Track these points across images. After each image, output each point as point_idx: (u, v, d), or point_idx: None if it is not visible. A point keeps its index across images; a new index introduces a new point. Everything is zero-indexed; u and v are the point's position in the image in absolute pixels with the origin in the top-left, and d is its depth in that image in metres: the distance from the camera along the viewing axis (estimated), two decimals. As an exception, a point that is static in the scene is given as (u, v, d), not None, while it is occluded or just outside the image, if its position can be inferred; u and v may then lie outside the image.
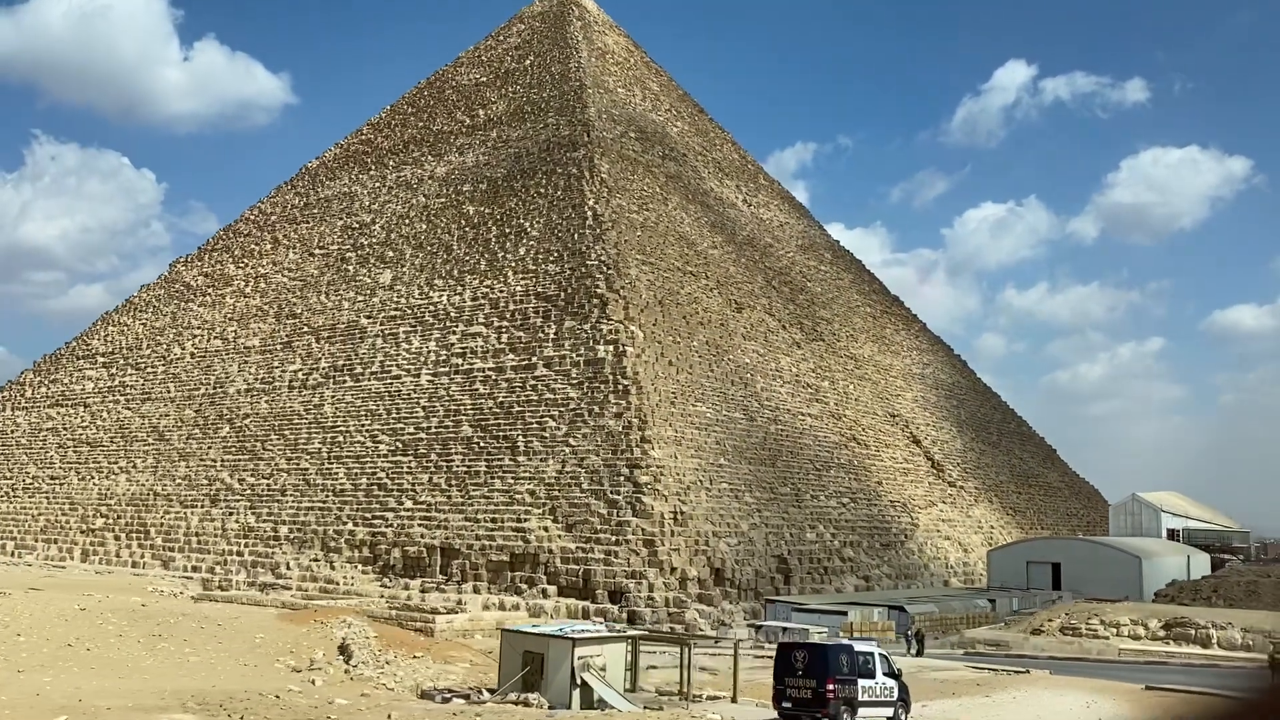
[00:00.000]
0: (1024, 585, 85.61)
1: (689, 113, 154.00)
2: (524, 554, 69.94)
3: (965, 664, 41.47)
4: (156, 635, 30.32)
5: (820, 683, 26.91)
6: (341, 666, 29.69)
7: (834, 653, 28.12)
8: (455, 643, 34.93)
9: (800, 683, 27.34)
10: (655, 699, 28.95)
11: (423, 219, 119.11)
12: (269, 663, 28.80)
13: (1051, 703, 27.66)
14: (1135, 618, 47.60)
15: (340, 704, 22.77)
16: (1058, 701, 27.79)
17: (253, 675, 26.50)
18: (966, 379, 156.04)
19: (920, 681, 32.20)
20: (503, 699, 26.32)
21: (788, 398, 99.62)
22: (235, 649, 29.82)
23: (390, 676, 29.27)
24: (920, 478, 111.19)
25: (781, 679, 27.85)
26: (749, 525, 75.07)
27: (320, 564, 79.62)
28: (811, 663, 27.47)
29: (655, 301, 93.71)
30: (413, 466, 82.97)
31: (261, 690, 22.80)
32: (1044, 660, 42.46)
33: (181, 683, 23.83)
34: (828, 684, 26.82)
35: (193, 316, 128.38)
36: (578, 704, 26.21)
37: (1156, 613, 48.40)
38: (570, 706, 26.03)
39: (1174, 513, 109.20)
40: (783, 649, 29.26)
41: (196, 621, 33.06)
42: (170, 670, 26.11)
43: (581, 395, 79.01)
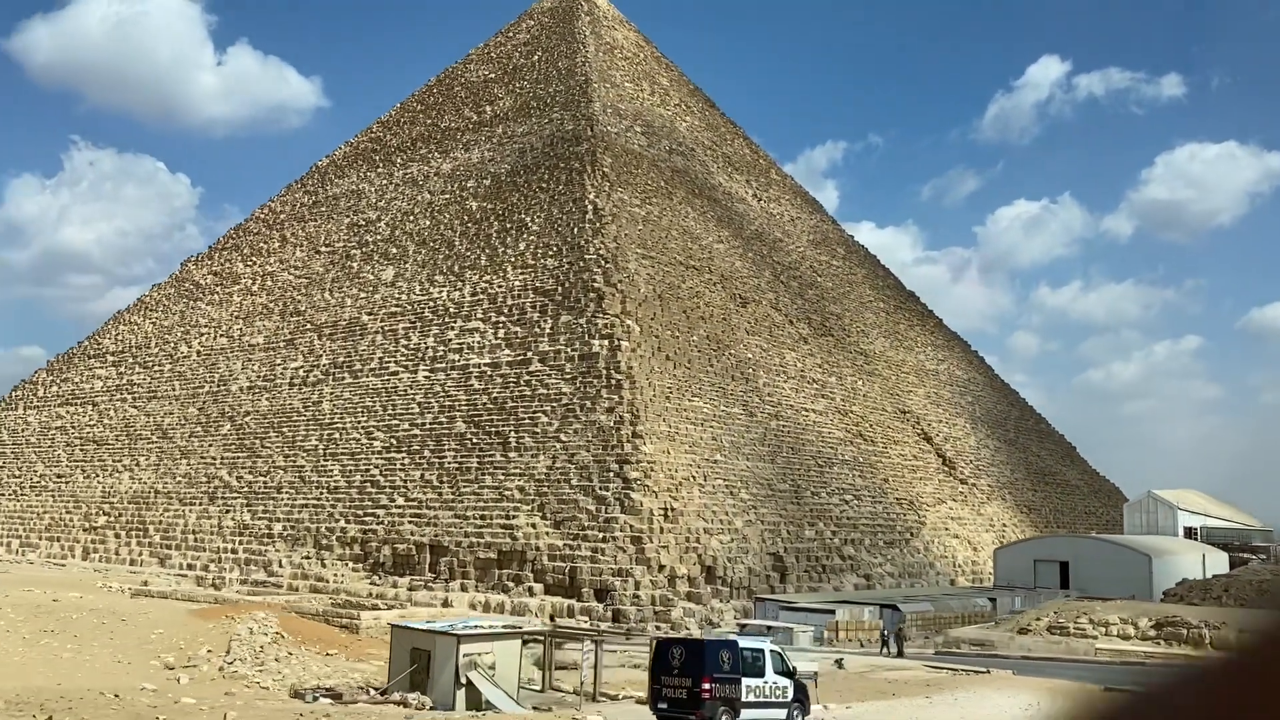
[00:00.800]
0: (1031, 584, 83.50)
1: (699, 108, 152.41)
2: (511, 551, 68.82)
3: (927, 664, 39.82)
4: (48, 631, 29.42)
5: (696, 682, 25.04)
6: (217, 665, 28.61)
7: (712, 649, 26.30)
8: (380, 640, 33.86)
9: (676, 682, 25.44)
10: (554, 699, 27.55)
11: (427, 215, 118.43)
12: (145, 660, 27.80)
13: (992, 704, 26.09)
14: (1125, 617, 45.72)
15: (186, 703, 21.64)
16: (1000, 703, 26.20)
17: (118, 672, 25.52)
18: (983, 375, 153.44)
19: (868, 681, 30.68)
20: (384, 699, 25.12)
21: (791, 393, 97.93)
22: (122, 645, 28.85)
23: (271, 675, 28.13)
24: (930, 475, 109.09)
25: (658, 677, 26.03)
26: (743, 522, 73.54)
27: (312, 561, 78.92)
28: (688, 660, 25.65)
29: (654, 296, 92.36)
30: (405, 463, 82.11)
31: (110, 689, 21.73)
32: (1015, 660, 40.72)
33: (31, 680, 22.88)
34: (704, 683, 24.91)
35: (200, 315, 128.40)
36: (462, 705, 24.89)
37: (1147, 612, 46.51)
38: (454, 707, 24.73)
39: (1192, 510, 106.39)
40: (660, 645, 27.30)
41: (100, 618, 32.16)
42: (33, 666, 25.19)
43: (574, 390, 77.82)
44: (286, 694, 26.07)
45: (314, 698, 25.05)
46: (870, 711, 25.84)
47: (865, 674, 33.91)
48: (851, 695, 28.28)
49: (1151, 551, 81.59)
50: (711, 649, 26.40)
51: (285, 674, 28.35)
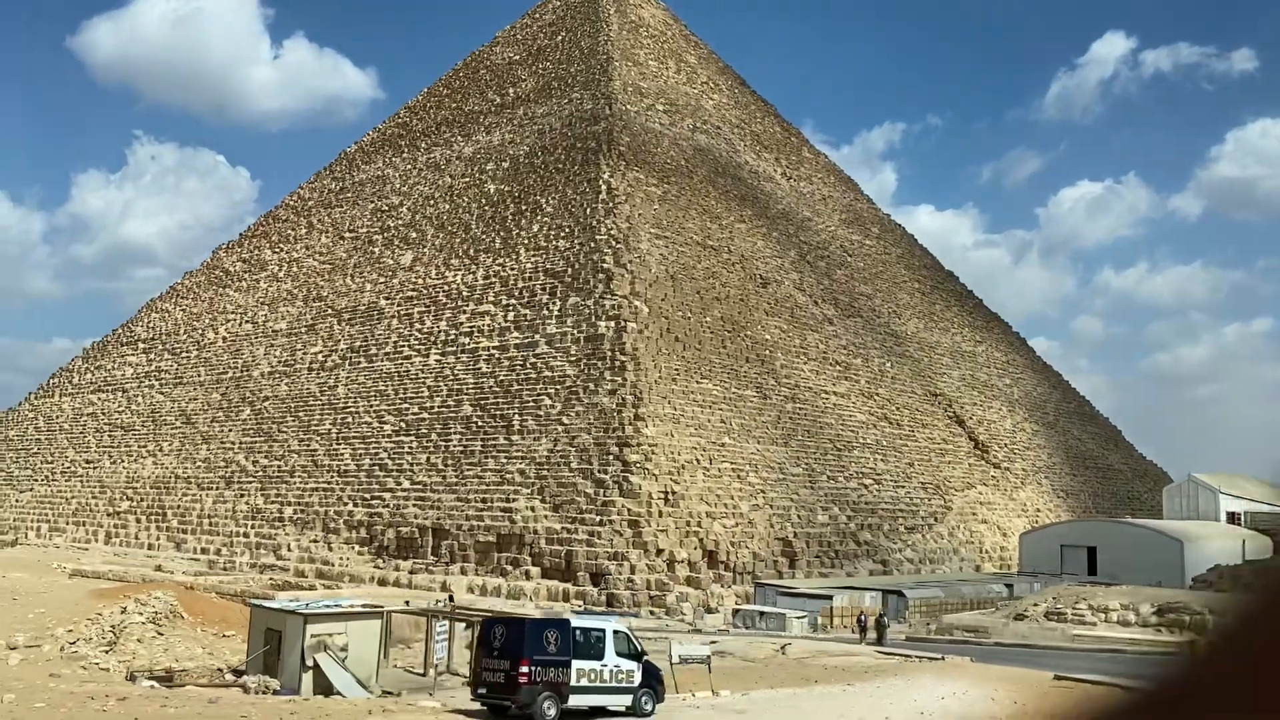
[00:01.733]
0: (1057, 570, 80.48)
1: (729, 85, 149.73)
2: (510, 535, 67.61)
3: (880, 650, 37.68)
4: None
5: (514, 664, 23.04)
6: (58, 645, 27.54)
7: (534, 629, 24.15)
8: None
9: (496, 664, 23.52)
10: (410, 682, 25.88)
11: (446, 199, 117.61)
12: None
13: (912, 694, 24.00)
14: (1126, 603, 43.08)
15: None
16: (922, 693, 24.10)
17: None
18: (1024, 357, 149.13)
19: (804, 668, 28.77)
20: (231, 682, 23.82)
21: (811, 375, 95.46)
22: (-12, 624, 28.05)
23: (123, 656, 27.00)
24: (960, 459, 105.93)
25: (480, 659, 24.25)
26: (750, 506, 71.52)
27: (319, 545, 78.51)
28: (508, 640, 23.69)
29: (666, 276, 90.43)
30: (413, 446, 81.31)
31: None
32: (990, 648, 38.37)
33: None
34: (521, 665, 22.89)
35: (228, 301, 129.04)
36: (309, 688, 23.43)
37: (1150, 597, 43.80)
38: (299, 690, 23.28)
39: (1236, 495, 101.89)
40: (485, 625, 25.49)
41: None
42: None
43: (578, 372, 76.31)
44: (124, 676, 25.00)
45: (144, 680, 23.88)
46: (765, 699, 23.88)
47: (804, 659, 31.99)
48: (762, 682, 26.35)
49: (1183, 537, 78.11)
50: (534, 628, 24.34)
51: (142, 655, 27.32)
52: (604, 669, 24.02)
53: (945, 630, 45.62)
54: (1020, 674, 27.40)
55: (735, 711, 22.89)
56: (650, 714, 24.36)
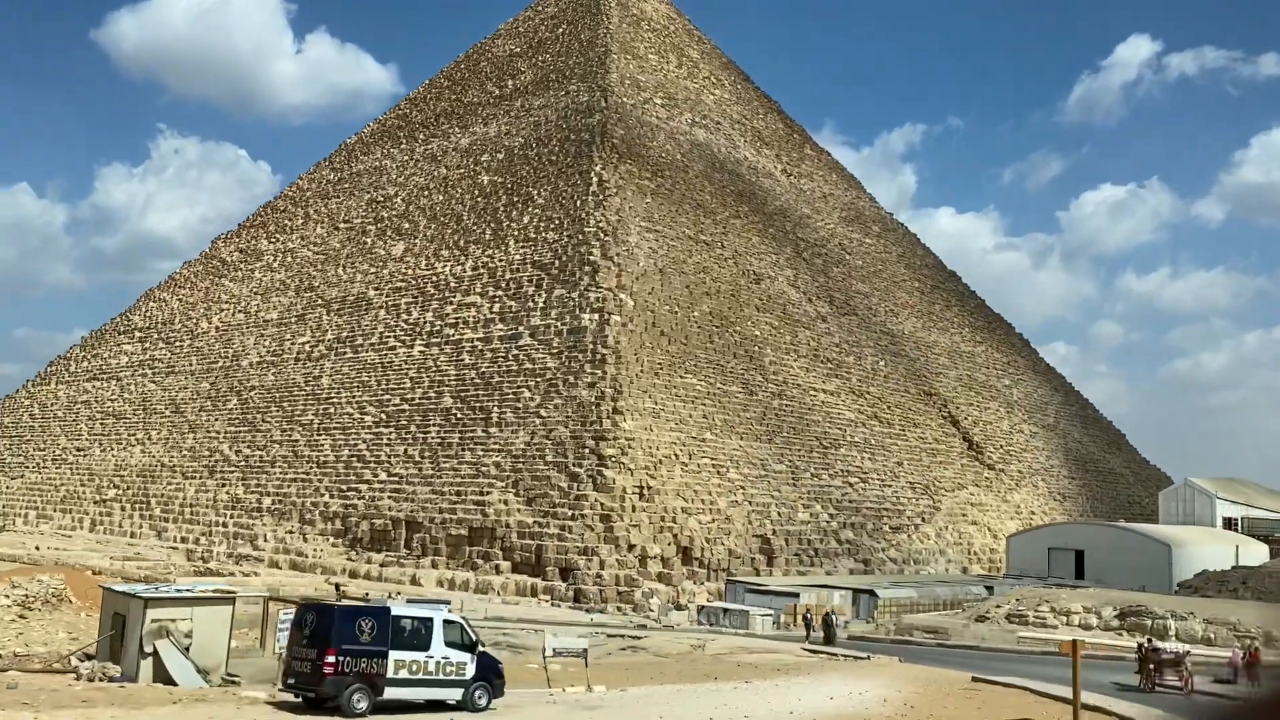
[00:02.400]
0: (1044, 573, 79.14)
1: (731, 81, 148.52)
2: (481, 528, 66.76)
3: (805, 648, 36.59)
4: None
5: (320, 653, 21.67)
6: None
7: (346, 617, 22.62)
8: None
9: (304, 653, 22.24)
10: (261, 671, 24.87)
11: (441, 190, 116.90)
12: None
13: (804, 693, 22.87)
14: (1089, 605, 41.95)
15: None
16: (816, 692, 22.94)
17: None
18: (1025, 358, 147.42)
19: (718, 664, 27.75)
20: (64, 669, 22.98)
21: (800, 372, 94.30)
22: None
23: None
24: (952, 459, 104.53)
25: (292, 648, 23.03)
26: (727, 503, 70.47)
27: (294, 536, 77.84)
28: (317, 629, 22.34)
29: (655, 270, 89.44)
30: (392, 438, 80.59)
31: None
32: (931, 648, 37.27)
33: None
34: (327, 655, 21.51)
35: (223, 291, 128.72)
36: (148, 675, 22.43)
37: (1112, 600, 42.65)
38: (137, 678, 22.28)
39: (1233, 500, 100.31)
40: (298, 611, 24.24)
41: None
42: None
43: (559, 365, 75.43)
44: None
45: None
46: (638, 696, 22.78)
47: (721, 656, 30.99)
48: (655, 678, 25.27)
49: (1172, 541, 76.70)
50: (345, 616, 22.79)
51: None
52: (429, 660, 22.68)
53: (905, 630, 44.55)
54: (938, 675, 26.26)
55: (587, 708, 21.81)
56: (485, 709, 23.00)
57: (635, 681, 25.02)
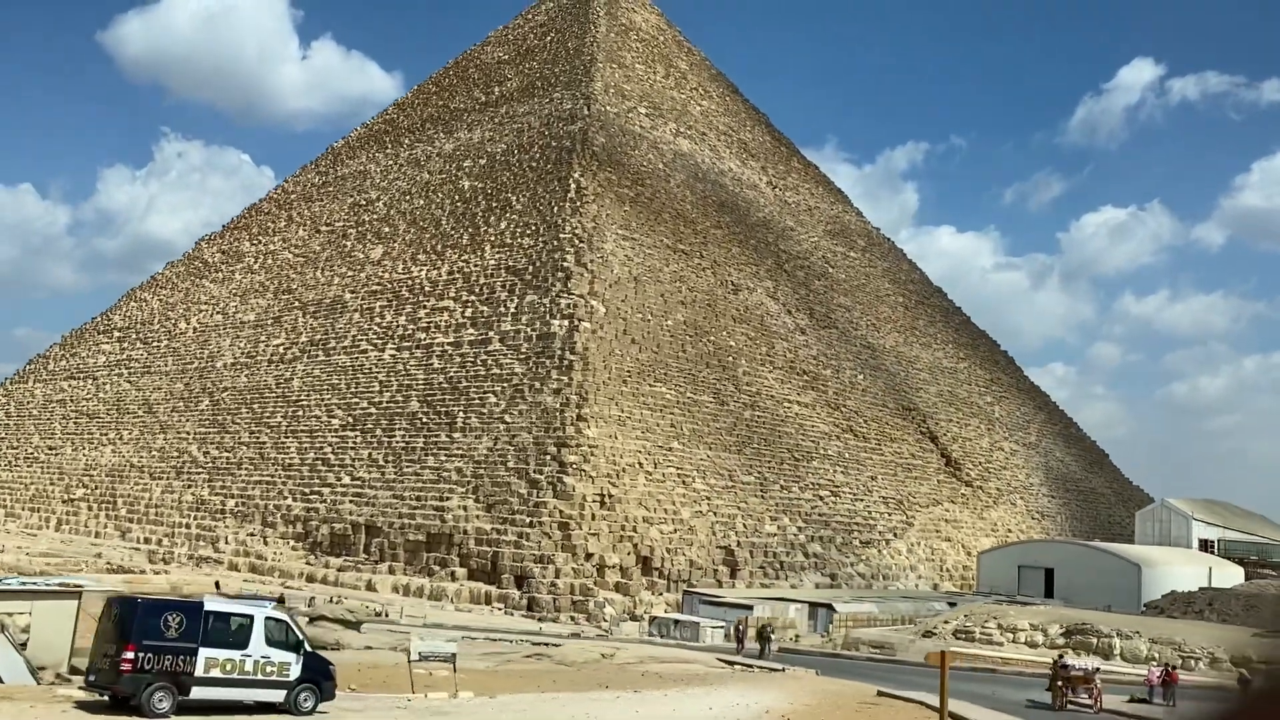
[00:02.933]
0: (1014, 590, 78.39)
1: (719, 93, 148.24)
2: (439, 534, 65.94)
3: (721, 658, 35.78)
4: None
5: (119, 649, 20.55)
6: None
7: (150, 611, 21.41)
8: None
9: (107, 649, 21.20)
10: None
11: (422, 195, 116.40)
12: None
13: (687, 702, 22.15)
14: (1035, 623, 41.24)
15: None
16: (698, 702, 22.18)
17: None
18: (1009, 375, 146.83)
19: (624, 672, 27.02)
20: None
21: (775, 384, 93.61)
22: None
23: None
24: (928, 475, 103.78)
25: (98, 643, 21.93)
26: (691, 513, 69.65)
27: (255, 539, 76.94)
28: (119, 622, 21.27)
29: (630, 277, 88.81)
30: (357, 442, 79.79)
31: None
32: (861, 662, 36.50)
33: None
34: (126, 651, 20.39)
35: (203, 293, 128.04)
36: None
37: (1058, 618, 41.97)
38: None
39: (1209, 521, 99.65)
40: (105, 605, 22.89)
41: None
42: None
43: (526, 370, 74.72)
44: None
45: None
46: (503, 703, 21.96)
47: (628, 665, 30.24)
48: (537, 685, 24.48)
49: (1142, 561, 76.01)
50: (149, 610, 21.53)
51: None
52: (247, 660, 21.51)
53: (853, 645, 43.81)
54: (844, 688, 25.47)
55: (437, 714, 20.96)
56: (310, 712, 21.85)
57: (516, 689, 24.18)
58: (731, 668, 32.22)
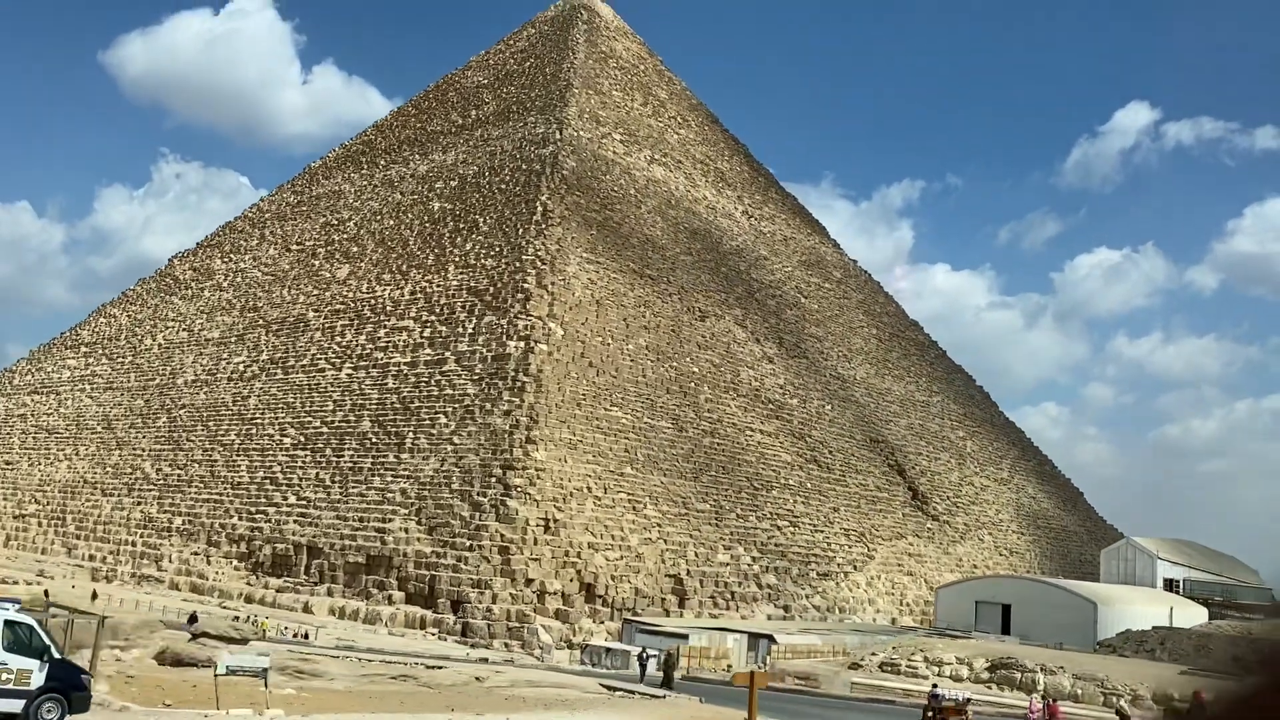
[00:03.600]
0: (971, 626, 77.10)
1: (698, 122, 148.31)
2: (379, 556, 64.58)
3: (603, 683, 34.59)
4: None
5: None
6: None
7: None
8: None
9: None
10: None
11: (393, 215, 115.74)
12: None
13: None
14: (961, 656, 40.18)
15: None
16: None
17: None
18: (983, 411, 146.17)
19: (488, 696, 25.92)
20: None
21: (738, 411, 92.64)
22: None
23: None
24: (894, 507, 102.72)
25: None
26: (639, 540, 68.42)
27: (199, 558, 75.42)
28: None
29: (592, 300, 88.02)
30: (306, 461, 78.49)
31: None
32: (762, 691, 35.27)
33: None
34: None
35: (171, 309, 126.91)
36: None
37: (984, 651, 40.94)
38: None
39: (1174, 561, 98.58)
40: None
41: None
42: None
43: (478, 391, 73.67)
44: None
45: None
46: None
47: (496, 689, 29.09)
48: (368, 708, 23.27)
49: (1098, 599, 74.81)
50: None
51: None
52: None
53: (777, 676, 42.63)
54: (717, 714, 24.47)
55: None
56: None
57: (343, 708, 23.00)
58: (611, 693, 31.05)
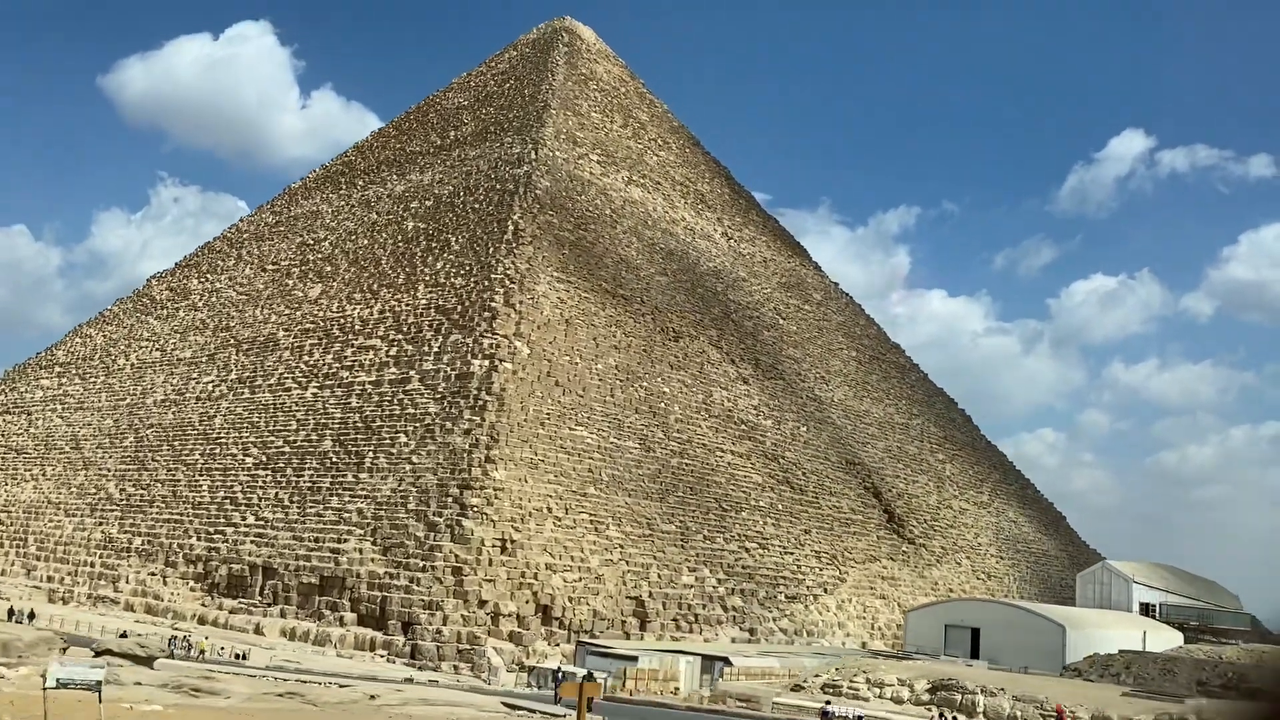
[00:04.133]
0: (940, 650, 76.15)
1: (679, 145, 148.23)
2: (333, 577, 63.52)
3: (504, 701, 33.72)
4: None
5: None
6: None
7: None
8: None
9: None
10: None
11: (367, 235, 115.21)
12: None
13: None
14: (903, 678, 39.26)
15: None
16: None
17: None
18: (965, 434, 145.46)
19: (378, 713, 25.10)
20: None
21: (709, 432, 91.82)
22: None
23: None
24: (868, 530, 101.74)
25: None
26: (600, 561, 67.42)
27: (156, 579, 74.25)
28: None
29: (561, 320, 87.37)
30: (267, 481, 77.51)
31: None
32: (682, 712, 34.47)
33: None
34: None
35: (146, 329, 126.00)
36: None
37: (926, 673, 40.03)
38: None
39: (1151, 585, 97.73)
40: None
41: None
42: None
43: (440, 410, 72.85)
44: None
45: None
46: None
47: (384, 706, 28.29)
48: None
49: (1067, 623, 73.94)
50: None
51: None
52: None
53: (720, 697, 41.72)
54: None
55: None
56: None
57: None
58: (512, 712, 30.21)
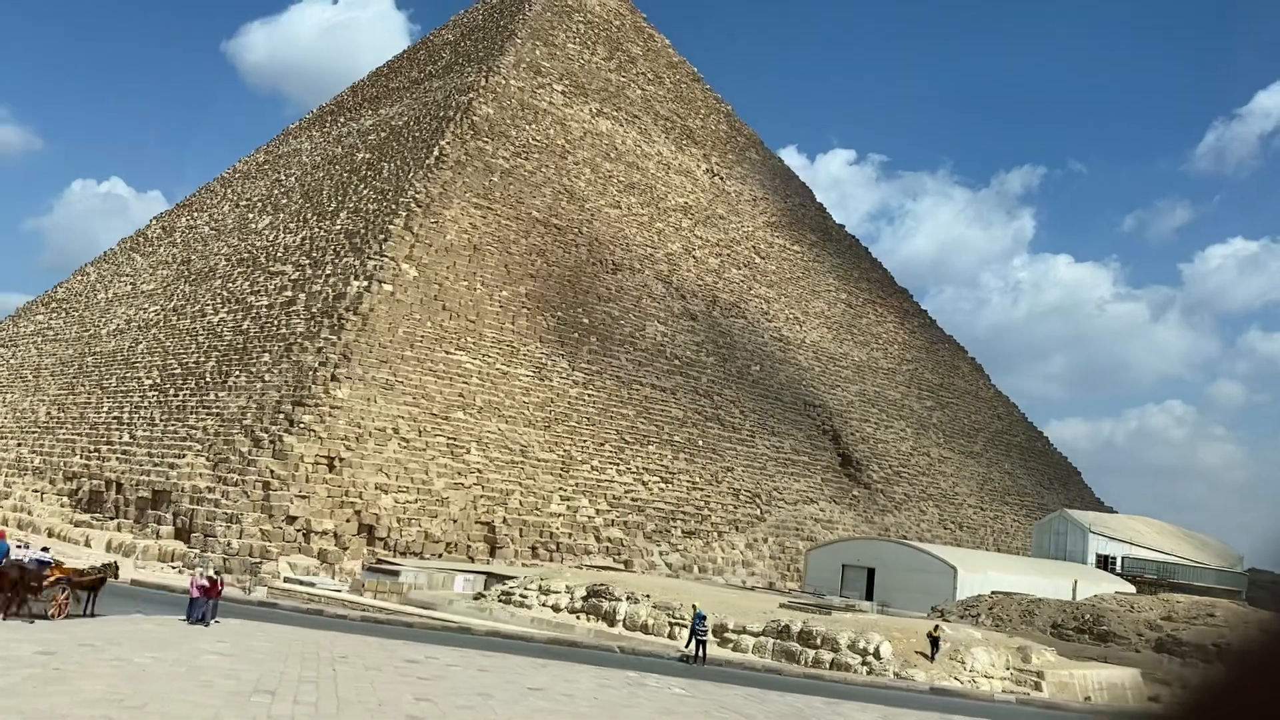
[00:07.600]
0: (837, 589, 71.83)
1: (675, 80, 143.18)
2: (163, 491, 62.44)
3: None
4: None
5: None
6: None
7: None
8: None
9: None
10: None
11: (325, 168, 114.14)
12: None
13: None
14: (570, 586, 35.91)
15: None
16: None
17: None
18: (968, 383, 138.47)
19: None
20: None
21: (630, 366, 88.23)
22: None
23: None
24: (812, 472, 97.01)
25: None
26: (446, 484, 64.89)
27: (35, 496, 74.64)
28: None
29: (468, 245, 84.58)
30: (153, 402, 77.07)
31: None
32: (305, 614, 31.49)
33: None
34: None
35: (130, 265, 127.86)
36: None
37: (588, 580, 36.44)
38: None
39: (1113, 536, 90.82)
40: None
41: None
42: None
43: (304, 329, 71.04)
44: None
45: None
46: None
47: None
48: None
49: (960, 565, 68.81)
50: None
51: None
52: None
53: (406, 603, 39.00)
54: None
55: None
56: None
57: None
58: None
